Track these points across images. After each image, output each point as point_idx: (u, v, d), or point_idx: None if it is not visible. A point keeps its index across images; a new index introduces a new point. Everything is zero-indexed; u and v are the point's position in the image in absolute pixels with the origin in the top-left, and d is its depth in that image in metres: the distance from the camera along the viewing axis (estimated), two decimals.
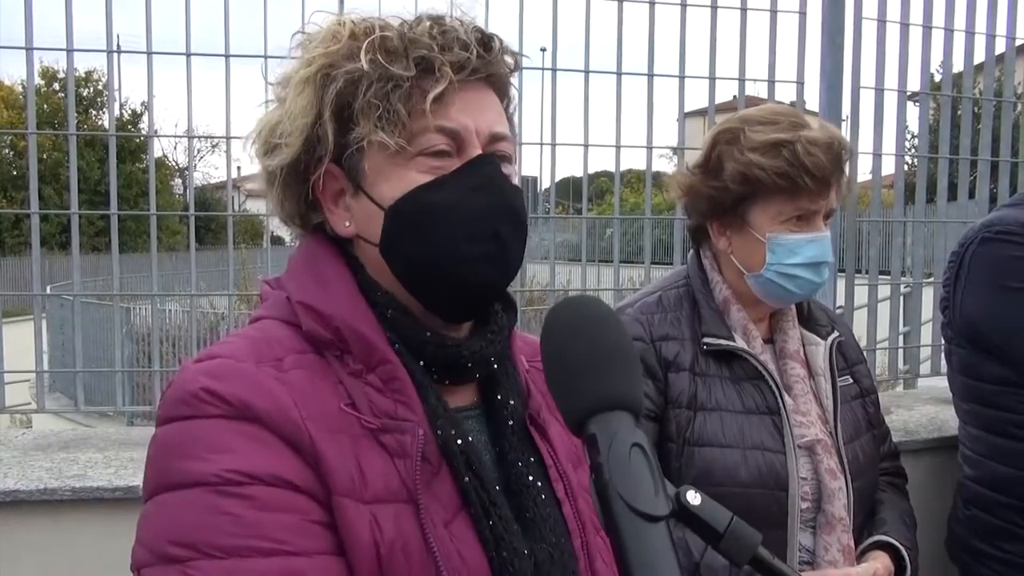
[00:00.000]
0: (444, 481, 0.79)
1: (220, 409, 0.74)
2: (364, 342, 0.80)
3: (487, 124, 0.83)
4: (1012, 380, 1.65)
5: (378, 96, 0.79)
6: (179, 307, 8.03)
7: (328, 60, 0.82)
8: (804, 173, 1.36)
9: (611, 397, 0.65)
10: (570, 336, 0.70)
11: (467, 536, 0.78)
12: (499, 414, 0.87)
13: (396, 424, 0.78)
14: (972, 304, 1.69)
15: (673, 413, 1.40)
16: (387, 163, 0.82)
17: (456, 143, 0.82)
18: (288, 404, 0.75)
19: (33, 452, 1.90)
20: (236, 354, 0.78)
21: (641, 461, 0.61)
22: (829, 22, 2.45)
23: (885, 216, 2.89)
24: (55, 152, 21.95)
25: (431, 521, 0.76)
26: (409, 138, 0.80)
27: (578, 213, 2.71)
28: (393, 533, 0.74)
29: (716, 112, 2.47)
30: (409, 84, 0.79)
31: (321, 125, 0.82)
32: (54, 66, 24.16)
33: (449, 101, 0.81)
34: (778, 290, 1.44)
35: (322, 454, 0.74)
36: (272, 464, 0.72)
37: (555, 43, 2.37)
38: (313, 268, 0.87)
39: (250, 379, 0.75)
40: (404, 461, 0.77)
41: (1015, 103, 2.85)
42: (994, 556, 1.70)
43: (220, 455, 0.72)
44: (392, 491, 0.76)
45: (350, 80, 0.80)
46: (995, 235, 1.65)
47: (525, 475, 0.85)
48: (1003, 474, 1.69)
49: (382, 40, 0.80)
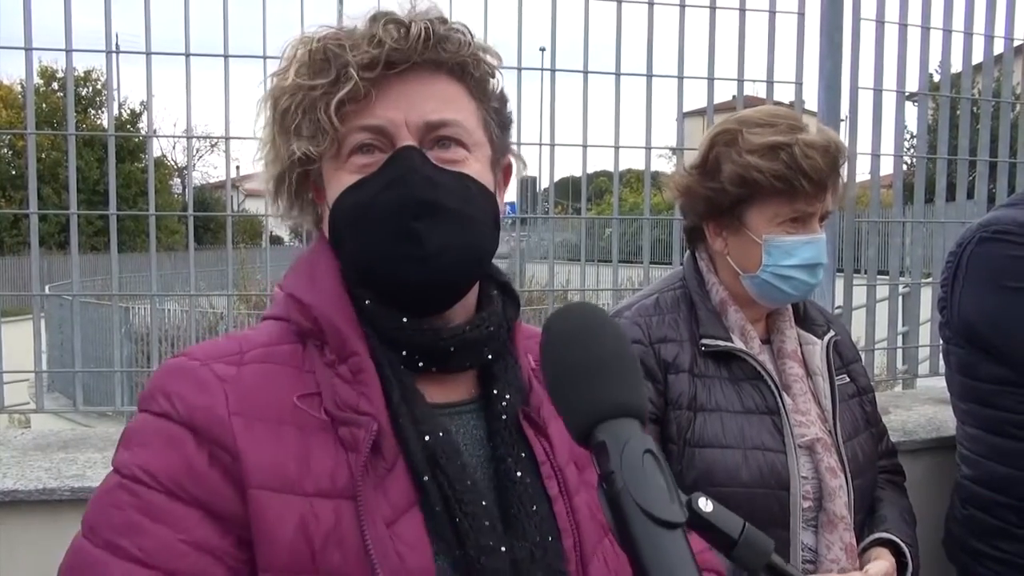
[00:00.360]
0: (398, 478, 0.78)
1: (161, 407, 0.79)
2: (336, 333, 0.82)
3: (419, 115, 0.82)
4: (1010, 380, 1.65)
5: (302, 108, 0.82)
6: (178, 307, 8.03)
7: (277, 82, 0.85)
8: (801, 176, 1.37)
9: (617, 404, 0.64)
10: (569, 344, 0.69)
11: (414, 536, 0.77)
12: (493, 408, 0.87)
13: (351, 417, 0.78)
14: (970, 304, 1.70)
15: (673, 415, 1.41)
16: (329, 167, 0.85)
17: (385, 138, 0.83)
18: (217, 401, 0.77)
19: (32, 452, 1.90)
20: (195, 352, 0.83)
21: (654, 467, 0.60)
22: (827, 23, 2.45)
23: (883, 216, 2.89)
24: (53, 152, 21.94)
25: (371, 519, 0.75)
26: (340, 143, 0.83)
27: (577, 213, 2.71)
28: (328, 527, 0.75)
29: (715, 112, 2.47)
30: (323, 91, 0.81)
31: (275, 144, 0.86)
32: (53, 66, 24.17)
33: (374, 99, 0.81)
34: (773, 291, 1.45)
35: (243, 450, 0.76)
36: (178, 469, 0.75)
37: (554, 44, 2.37)
38: (308, 264, 0.89)
39: (191, 376, 0.79)
40: (356, 456, 0.77)
41: (1013, 103, 2.85)
42: (992, 556, 1.71)
43: (140, 449, 0.78)
44: (338, 486, 0.76)
45: (280, 97, 0.83)
46: (992, 235, 1.66)
47: (513, 471, 0.84)
48: (1001, 474, 1.70)
49: (308, 54, 0.82)
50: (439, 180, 0.82)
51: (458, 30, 0.85)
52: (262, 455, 0.76)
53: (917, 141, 2.79)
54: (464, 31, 0.85)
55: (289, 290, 0.87)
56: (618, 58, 2.42)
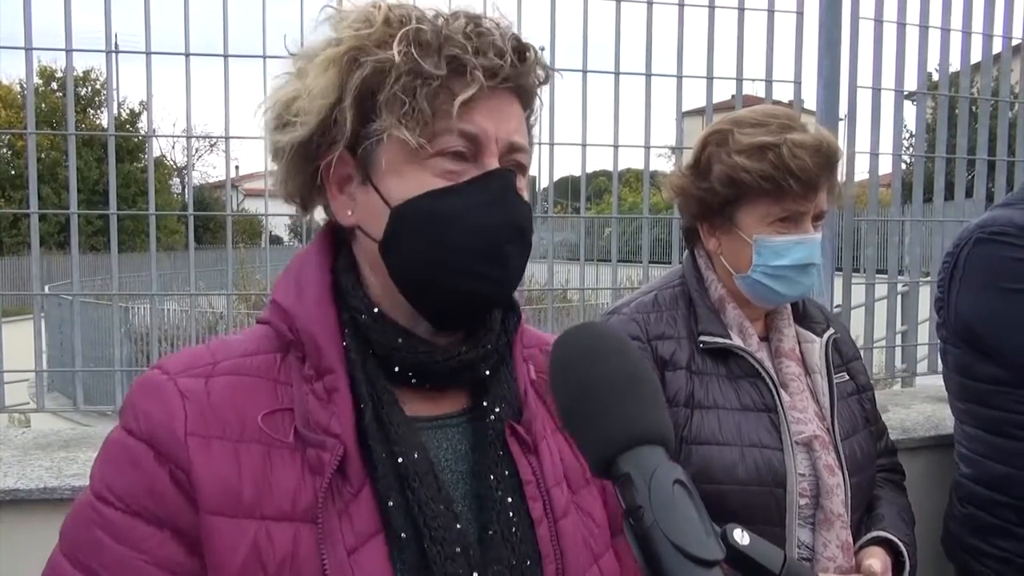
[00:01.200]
0: (363, 503, 0.76)
1: (128, 423, 0.78)
2: (315, 347, 0.79)
3: (507, 133, 0.81)
4: (1007, 380, 1.66)
5: (405, 90, 0.77)
6: (178, 306, 8.04)
7: (358, 43, 0.79)
8: (789, 176, 1.37)
9: (639, 430, 0.60)
10: (579, 367, 0.65)
11: (375, 565, 0.74)
12: (480, 423, 0.84)
13: (319, 439, 0.76)
14: (967, 305, 1.70)
15: (671, 412, 1.41)
16: (402, 160, 0.79)
17: (475, 148, 0.80)
18: (175, 418, 0.76)
19: (33, 451, 1.90)
20: (167, 363, 0.81)
21: (686, 500, 0.56)
22: (826, 22, 2.46)
23: (882, 215, 2.90)
24: (53, 152, 21.94)
25: (331, 546, 0.73)
26: (430, 137, 0.78)
27: (576, 212, 2.72)
28: (285, 552, 0.73)
29: (714, 111, 2.48)
30: (438, 83, 0.77)
31: (341, 110, 0.79)
32: (52, 65, 24.17)
33: (475, 106, 0.78)
34: (765, 291, 1.45)
35: (195, 471, 0.74)
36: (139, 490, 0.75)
37: (553, 43, 2.38)
38: (299, 268, 0.86)
39: (156, 392, 0.78)
40: (320, 479, 0.75)
41: (1011, 102, 2.86)
42: (991, 554, 1.71)
43: (107, 467, 0.78)
44: (299, 509, 0.74)
45: (379, 69, 0.77)
46: (989, 236, 1.66)
47: (494, 489, 0.80)
48: (1000, 473, 1.70)
49: (416, 32, 0.78)
50: (525, 212, 0.83)
51: (544, 61, 0.85)
52: (215, 478, 0.74)
53: (915, 140, 2.79)
54: (545, 64, 0.85)
55: (276, 295, 0.84)
56: (617, 57, 2.42)
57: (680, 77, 2.47)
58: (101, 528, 0.75)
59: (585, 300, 2.65)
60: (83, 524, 0.76)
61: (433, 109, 0.77)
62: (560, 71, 2.39)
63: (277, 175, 0.88)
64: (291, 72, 0.85)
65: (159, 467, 0.75)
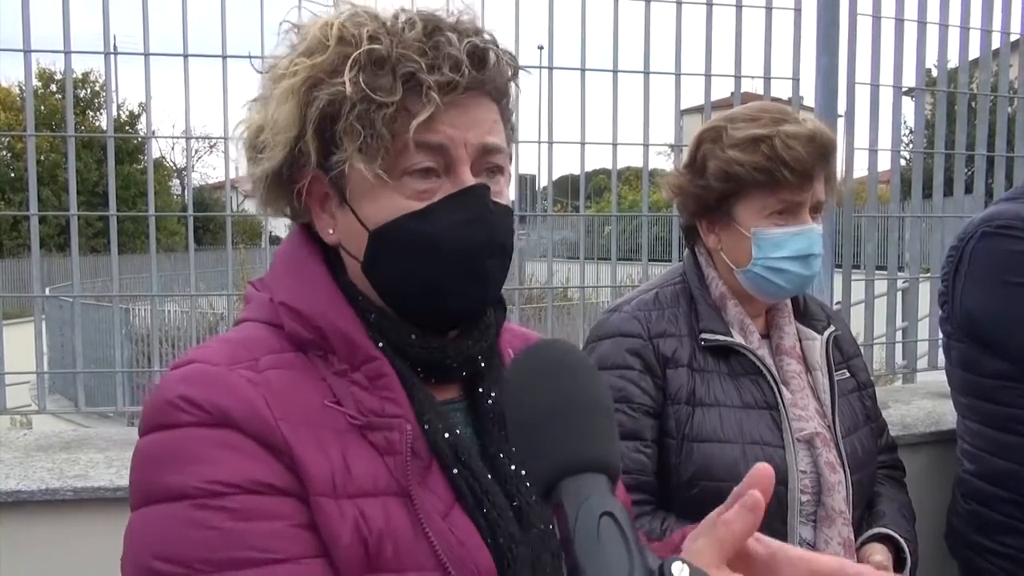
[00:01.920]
0: (435, 475, 0.80)
1: (194, 416, 0.73)
2: (347, 341, 0.80)
3: (478, 136, 0.81)
4: (1012, 375, 1.65)
5: (361, 119, 0.77)
6: (178, 307, 8.04)
7: (312, 72, 0.79)
8: (783, 166, 1.37)
9: (582, 456, 0.58)
10: (533, 387, 0.63)
11: (465, 526, 0.79)
12: (481, 406, 0.88)
13: (383, 421, 0.78)
14: (972, 299, 1.69)
15: (672, 409, 1.41)
16: (372, 184, 0.80)
17: (444, 160, 0.80)
18: (259, 405, 0.74)
19: (35, 453, 1.90)
20: (210, 357, 0.78)
21: (613, 534, 0.53)
22: (824, 18, 2.46)
23: (881, 212, 2.90)
24: (52, 154, 21.94)
25: (427, 514, 0.77)
26: (393, 160, 0.78)
27: (576, 211, 2.72)
28: (381, 525, 0.75)
29: (712, 109, 2.48)
30: (393, 108, 0.77)
31: (304, 142, 0.80)
32: (50, 67, 24.15)
33: (437, 119, 0.78)
34: (767, 284, 1.45)
35: (297, 455, 0.74)
36: (250, 469, 0.72)
37: (551, 41, 2.38)
38: (295, 268, 0.86)
39: (222, 382, 0.75)
40: (393, 458, 0.77)
41: (1010, 98, 2.86)
42: (996, 551, 1.71)
43: (197, 466, 0.71)
44: (380, 486, 0.76)
45: (333, 100, 0.78)
46: (996, 229, 1.65)
47: (507, 464, 0.85)
48: (1003, 469, 1.69)
49: (368, 53, 0.77)
50: (506, 222, 0.84)
51: (508, 54, 0.84)
52: (313, 461, 0.74)
53: (914, 136, 2.79)
54: (512, 57, 0.85)
55: (282, 299, 0.83)
56: (615, 55, 2.42)
57: (678, 75, 2.47)
58: (238, 519, 0.70)
59: (585, 299, 2.65)
60: (209, 529, 0.70)
61: (392, 132, 0.77)
62: (558, 69, 2.41)
63: (259, 199, 0.88)
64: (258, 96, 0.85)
65: (260, 449, 0.73)
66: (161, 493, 0.72)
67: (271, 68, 0.84)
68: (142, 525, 0.73)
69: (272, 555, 0.70)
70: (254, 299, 0.88)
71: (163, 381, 0.77)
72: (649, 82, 2.46)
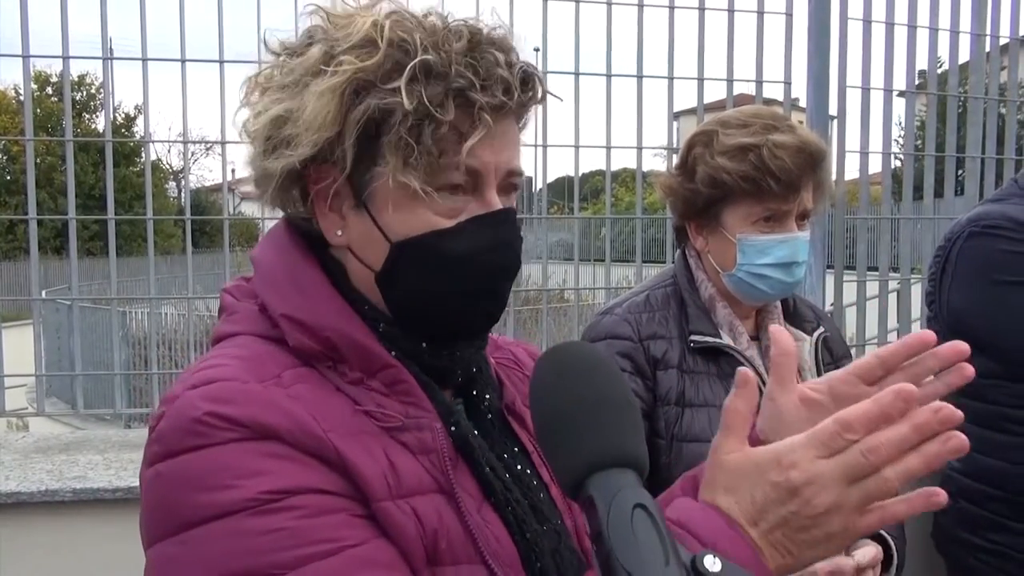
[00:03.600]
0: (464, 473, 0.80)
1: (236, 433, 0.69)
2: (361, 350, 0.78)
3: (506, 161, 0.81)
4: (999, 374, 1.66)
5: (412, 133, 0.74)
6: (175, 310, 8.04)
7: (363, 75, 0.75)
8: (769, 176, 1.39)
9: (610, 452, 0.59)
10: (554, 387, 0.64)
11: (496, 521, 0.79)
12: (478, 409, 0.88)
13: (413, 422, 0.78)
14: (959, 298, 1.70)
15: (662, 410, 1.43)
16: (403, 195, 0.77)
17: (474, 180, 0.79)
18: (307, 419, 0.72)
19: (34, 455, 1.92)
20: (238, 375, 0.73)
21: (647, 525, 0.54)
22: (815, 23, 2.48)
23: (873, 213, 2.92)
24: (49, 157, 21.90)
25: (468, 509, 0.77)
26: (431, 175, 0.76)
27: (572, 213, 2.74)
28: (435, 523, 0.75)
29: (705, 112, 2.50)
30: (447, 126, 0.75)
31: (341, 148, 0.76)
32: (47, 70, 24.10)
33: (479, 141, 0.77)
34: (750, 289, 1.47)
35: (351, 463, 0.72)
36: (306, 478, 0.70)
37: (545, 45, 2.40)
38: (290, 276, 0.82)
39: (261, 398, 0.71)
40: (428, 456, 0.77)
41: (1000, 101, 2.88)
42: (985, 548, 1.71)
43: (250, 479, 0.67)
44: (426, 485, 0.76)
45: (385, 108, 0.74)
46: (983, 229, 1.66)
47: (514, 464, 0.86)
48: (991, 467, 1.70)
49: (423, 65, 0.74)
50: (520, 243, 0.85)
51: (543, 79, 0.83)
52: (364, 467, 0.73)
53: (904, 139, 2.82)
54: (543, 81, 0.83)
55: (284, 312, 0.79)
56: (609, 59, 2.44)
57: (671, 79, 2.49)
58: (306, 516, 0.68)
59: (580, 300, 2.67)
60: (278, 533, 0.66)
61: (439, 149, 0.75)
62: (552, 73, 2.43)
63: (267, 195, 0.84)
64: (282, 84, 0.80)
65: (312, 459, 0.71)
66: (206, 513, 0.67)
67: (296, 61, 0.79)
68: (192, 549, 0.67)
69: (344, 542, 0.68)
70: (238, 310, 0.84)
71: (179, 402, 0.72)
72: (643, 85, 2.48)
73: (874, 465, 0.59)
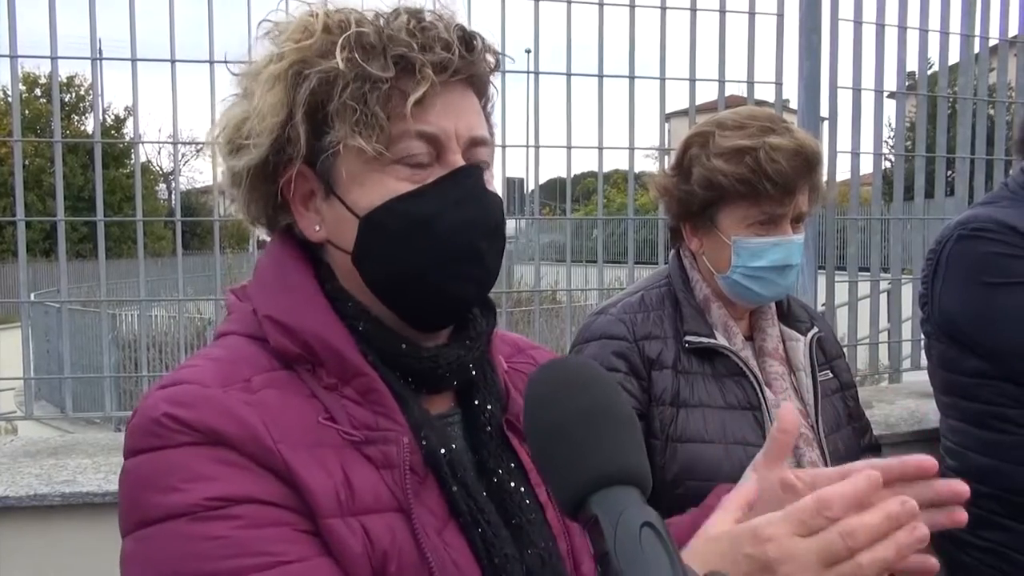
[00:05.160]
0: (431, 491, 0.77)
1: (189, 436, 0.70)
2: (336, 355, 0.77)
3: (467, 127, 0.80)
4: (989, 373, 1.68)
5: (355, 97, 0.75)
6: (165, 313, 8.00)
7: (300, 56, 0.77)
8: (765, 179, 1.39)
9: (613, 470, 0.57)
10: (551, 404, 0.62)
11: (459, 544, 0.76)
12: (477, 420, 0.85)
13: (379, 435, 0.76)
14: (950, 300, 1.72)
15: (657, 410, 1.43)
16: (363, 168, 0.78)
17: (435, 148, 0.79)
18: (259, 430, 0.71)
19: (22, 459, 1.90)
20: (202, 378, 0.74)
21: (655, 544, 0.52)
22: (806, 24, 2.49)
23: (864, 214, 2.93)
24: (37, 158, 21.78)
25: (423, 530, 0.74)
26: (387, 143, 0.76)
27: (564, 214, 2.74)
28: (386, 543, 0.72)
29: (697, 112, 2.50)
30: (388, 85, 0.75)
31: (293, 126, 0.77)
32: (35, 71, 23.99)
33: (429, 104, 0.77)
34: (744, 291, 1.48)
35: (300, 477, 0.71)
36: (251, 488, 0.69)
37: (536, 46, 2.40)
38: (280, 278, 0.82)
39: (217, 405, 0.71)
40: (391, 472, 0.75)
41: (989, 102, 2.90)
42: (976, 545, 1.73)
43: (197, 483, 0.68)
44: (382, 502, 0.74)
45: (325, 79, 0.76)
46: (971, 232, 1.68)
47: (507, 481, 0.83)
48: (983, 464, 1.72)
49: (358, 36, 0.76)
50: (498, 205, 0.82)
51: (492, 45, 0.83)
52: (314, 482, 0.71)
53: (895, 140, 2.83)
54: (494, 49, 0.83)
55: (266, 312, 0.79)
56: (600, 60, 2.45)
57: (663, 79, 2.49)
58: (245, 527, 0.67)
59: (573, 301, 2.67)
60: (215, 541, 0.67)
61: (387, 112, 0.76)
62: (544, 74, 2.43)
63: (238, 200, 0.85)
64: (237, 93, 0.83)
65: (260, 469, 0.70)
66: (160, 512, 0.68)
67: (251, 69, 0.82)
68: (142, 547, 0.69)
69: (281, 557, 0.68)
70: (237, 310, 0.85)
71: (147, 401, 0.73)
72: (634, 86, 2.48)
73: (851, 549, 0.59)
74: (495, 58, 0.83)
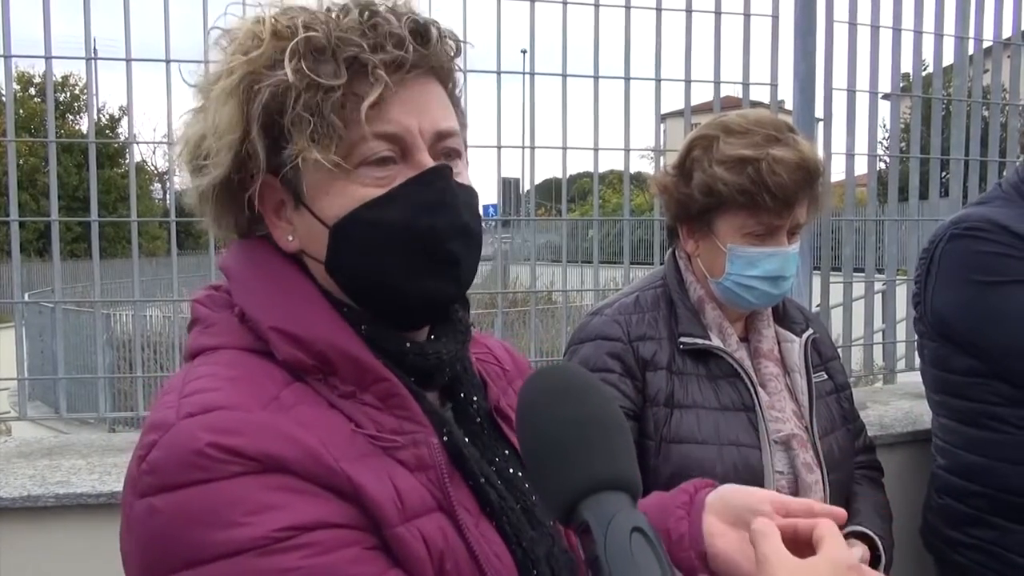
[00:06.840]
0: (460, 487, 0.77)
1: (242, 466, 0.65)
2: (353, 363, 0.75)
3: (431, 122, 0.78)
4: (981, 371, 1.69)
5: (308, 108, 0.72)
6: (160, 313, 7.98)
7: (250, 68, 0.74)
8: (765, 192, 1.38)
9: (604, 476, 0.58)
10: (543, 411, 0.63)
11: (493, 535, 0.77)
12: (467, 412, 0.86)
13: (409, 439, 0.75)
14: (942, 299, 1.73)
15: (651, 411, 1.43)
16: (327, 176, 0.75)
17: (400, 147, 0.76)
18: (319, 450, 0.68)
19: (16, 459, 1.89)
20: (237, 402, 0.69)
21: (645, 548, 0.53)
22: (801, 25, 2.49)
23: (859, 215, 2.94)
24: (31, 158, 21.70)
25: (467, 525, 0.75)
26: (348, 150, 0.74)
27: (559, 214, 2.74)
28: (440, 544, 0.72)
29: (693, 113, 2.51)
30: (341, 92, 0.73)
31: (250, 142, 0.75)
32: (29, 71, 23.94)
33: (388, 103, 0.74)
34: (737, 298, 1.48)
35: (366, 492, 0.69)
36: (319, 512, 0.67)
37: (532, 47, 2.40)
38: (277, 286, 0.79)
39: (270, 429, 0.68)
40: (426, 473, 0.75)
41: (984, 103, 2.91)
42: (965, 543, 1.74)
43: (262, 515, 0.64)
44: (427, 504, 0.74)
45: (276, 92, 0.73)
46: (964, 231, 1.69)
47: (506, 468, 0.84)
48: (974, 463, 1.73)
49: (307, 40, 0.73)
50: (469, 202, 0.80)
51: (450, 31, 0.80)
52: (374, 493, 0.70)
53: (890, 141, 2.84)
54: (453, 34, 0.81)
55: (274, 324, 0.75)
56: (596, 61, 2.45)
57: (659, 80, 2.50)
58: (319, 553, 0.65)
59: (569, 302, 2.67)
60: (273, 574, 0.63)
61: (343, 119, 0.73)
62: (540, 75, 2.44)
63: (208, 216, 0.83)
64: (194, 108, 0.81)
65: (323, 491, 0.68)
66: (216, 551, 0.63)
67: (206, 80, 0.79)
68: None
69: None
70: (216, 321, 0.80)
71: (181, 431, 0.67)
72: (630, 87, 2.48)
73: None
74: (455, 43, 0.81)
